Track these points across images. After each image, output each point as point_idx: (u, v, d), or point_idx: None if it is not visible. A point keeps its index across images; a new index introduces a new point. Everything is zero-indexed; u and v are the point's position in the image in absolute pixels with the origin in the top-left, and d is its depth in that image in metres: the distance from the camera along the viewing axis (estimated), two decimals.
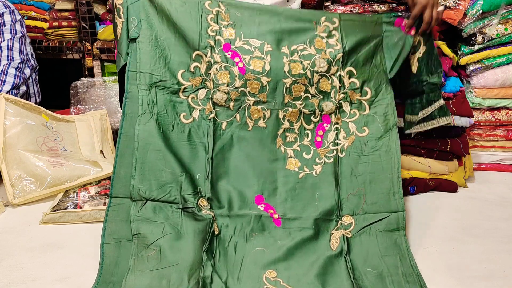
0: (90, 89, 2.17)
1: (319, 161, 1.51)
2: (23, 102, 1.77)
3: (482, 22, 1.78)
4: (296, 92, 1.51)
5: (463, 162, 1.81)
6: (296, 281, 1.23)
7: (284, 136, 1.51)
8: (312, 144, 1.52)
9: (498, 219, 1.58)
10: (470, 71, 1.85)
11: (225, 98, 1.48)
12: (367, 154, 1.51)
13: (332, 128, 1.52)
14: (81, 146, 1.90)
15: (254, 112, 1.49)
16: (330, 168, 1.49)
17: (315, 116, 1.52)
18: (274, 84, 1.49)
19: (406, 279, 1.25)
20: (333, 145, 1.51)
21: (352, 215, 1.43)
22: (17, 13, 2.04)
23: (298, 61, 1.51)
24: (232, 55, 1.48)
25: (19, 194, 1.62)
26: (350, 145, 1.53)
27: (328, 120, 1.53)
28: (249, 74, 1.47)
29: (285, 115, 1.51)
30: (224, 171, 1.46)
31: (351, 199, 1.46)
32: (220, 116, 1.47)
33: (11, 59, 1.95)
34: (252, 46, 1.49)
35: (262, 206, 1.43)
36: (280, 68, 1.49)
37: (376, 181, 1.48)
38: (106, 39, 2.33)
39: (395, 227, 1.41)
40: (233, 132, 1.49)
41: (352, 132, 1.54)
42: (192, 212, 1.38)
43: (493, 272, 1.31)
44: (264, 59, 1.49)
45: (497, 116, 1.89)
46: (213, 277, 1.21)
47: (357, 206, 1.45)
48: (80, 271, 1.29)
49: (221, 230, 1.38)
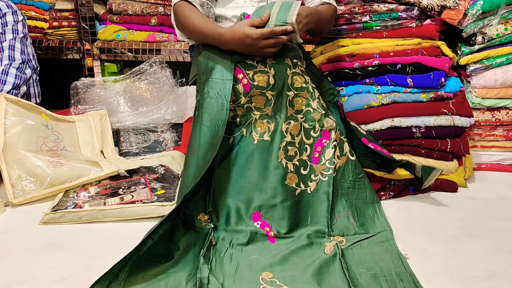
0: (90, 89, 2.17)
1: (314, 178, 1.49)
2: (23, 102, 1.77)
3: (482, 22, 1.78)
4: (298, 106, 1.50)
5: (463, 162, 1.81)
6: (292, 281, 1.23)
7: (286, 150, 1.48)
8: (310, 159, 1.50)
9: (498, 219, 1.58)
10: (470, 71, 1.85)
11: (231, 115, 1.47)
12: (353, 180, 1.53)
13: (331, 145, 1.50)
14: (81, 146, 1.90)
15: (259, 126, 1.48)
16: (324, 187, 1.48)
17: (314, 131, 1.51)
18: (279, 97, 1.49)
19: (400, 278, 1.25)
20: (329, 163, 1.50)
21: (343, 236, 1.43)
22: (19, 13, 2.05)
23: (300, 74, 1.51)
24: (235, 71, 1.47)
25: (19, 194, 1.62)
26: (341, 166, 1.53)
27: (328, 136, 1.51)
28: (254, 90, 1.47)
29: (287, 128, 1.49)
30: (225, 185, 1.45)
31: (340, 220, 1.46)
32: (227, 131, 1.45)
33: (12, 59, 1.95)
34: (255, 61, 1.49)
35: (259, 224, 1.42)
36: (283, 80, 1.48)
37: (361, 207, 1.51)
38: (106, 39, 2.33)
39: (384, 239, 1.42)
40: (239, 146, 1.48)
41: (345, 153, 1.54)
42: (192, 225, 1.39)
43: (493, 272, 1.31)
44: (268, 73, 1.48)
45: (497, 116, 1.89)
46: (210, 278, 1.21)
47: (346, 227, 1.45)
48: (80, 271, 1.29)
49: (217, 242, 1.37)
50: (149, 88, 2.17)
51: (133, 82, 2.19)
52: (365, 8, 1.82)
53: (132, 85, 2.19)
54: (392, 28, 1.82)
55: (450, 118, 1.74)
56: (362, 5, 1.82)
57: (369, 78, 1.82)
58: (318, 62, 1.92)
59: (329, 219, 1.44)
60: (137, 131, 2.11)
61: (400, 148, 1.78)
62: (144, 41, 2.32)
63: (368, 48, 1.85)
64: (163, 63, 2.23)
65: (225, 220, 1.42)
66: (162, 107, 2.13)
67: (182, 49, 2.30)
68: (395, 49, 1.83)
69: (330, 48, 1.92)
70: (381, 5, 1.80)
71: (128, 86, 2.19)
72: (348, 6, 1.84)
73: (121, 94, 2.17)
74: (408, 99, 1.77)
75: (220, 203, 1.44)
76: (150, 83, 2.18)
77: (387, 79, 1.79)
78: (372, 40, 1.86)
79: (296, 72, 1.51)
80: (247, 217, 1.42)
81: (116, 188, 1.67)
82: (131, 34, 2.33)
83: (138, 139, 2.07)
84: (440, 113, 1.75)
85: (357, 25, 1.85)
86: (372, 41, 1.86)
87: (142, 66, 2.21)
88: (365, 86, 1.82)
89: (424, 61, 1.76)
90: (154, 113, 2.13)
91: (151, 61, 2.21)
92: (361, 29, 1.85)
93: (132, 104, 2.16)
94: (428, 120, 1.75)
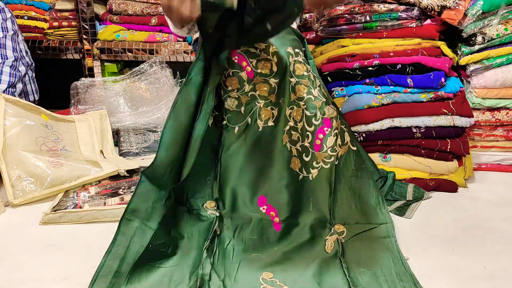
0: (90, 89, 2.17)
1: (316, 165, 1.49)
2: (22, 102, 1.77)
3: (482, 22, 1.78)
4: (300, 93, 1.50)
5: (463, 162, 1.81)
6: (292, 281, 1.23)
7: (289, 133, 1.49)
8: (312, 146, 1.50)
9: (498, 219, 1.58)
10: (470, 71, 1.84)
11: (236, 104, 1.47)
12: (355, 169, 1.53)
13: (332, 133, 1.50)
14: (81, 146, 1.90)
15: (264, 113, 1.48)
16: (326, 174, 1.48)
17: (316, 119, 1.51)
18: (281, 83, 1.49)
19: (400, 278, 1.25)
20: (331, 151, 1.49)
21: (344, 224, 1.43)
22: (7, 10, 2.02)
23: (302, 62, 1.51)
24: (239, 59, 1.48)
25: (19, 194, 1.62)
26: (343, 155, 1.53)
27: (329, 124, 1.51)
28: (258, 77, 1.47)
29: (290, 113, 1.49)
30: (231, 172, 1.45)
31: (342, 208, 1.46)
32: (232, 121, 1.45)
33: (5, 57, 1.94)
34: (258, 49, 1.49)
35: (264, 208, 1.42)
36: (286, 67, 1.48)
37: (363, 196, 1.50)
38: (106, 39, 2.33)
39: (385, 234, 1.42)
40: (245, 135, 1.47)
41: (346, 143, 1.54)
42: (197, 213, 1.39)
43: (493, 272, 1.31)
44: (271, 61, 1.48)
45: (497, 116, 1.89)
46: (212, 274, 1.22)
47: (348, 216, 1.45)
48: (80, 271, 1.29)
49: (222, 230, 1.38)
50: (149, 88, 2.17)
51: (133, 82, 2.19)
52: (365, 8, 1.81)
53: (132, 85, 2.19)
54: (392, 28, 1.82)
55: (450, 118, 1.74)
56: (362, 5, 1.82)
57: (369, 78, 1.82)
58: (318, 62, 1.92)
59: (332, 206, 1.44)
60: (137, 131, 2.11)
61: (400, 149, 1.78)
62: (144, 41, 2.32)
63: (368, 48, 1.85)
64: (163, 63, 2.23)
65: (231, 207, 1.43)
66: (162, 107, 2.13)
67: (182, 49, 2.30)
68: (395, 49, 1.82)
69: (330, 48, 1.92)
70: (381, 5, 1.80)
71: (128, 86, 2.19)
72: (348, 6, 1.84)
73: (121, 94, 2.17)
74: (408, 99, 1.77)
75: (226, 189, 1.44)
76: (150, 83, 2.18)
77: (387, 79, 1.79)
78: (372, 40, 1.86)
79: (298, 61, 1.50)
80: (253, 203, 1.43)
81: (116, 188, 1.67)
82: (131, 34, 2.34)
83: (138, 139, 2.07)
84: (440, 113, 1.75)
85: (357, 25, 1.85)
86: (372, 41, 1.86)
87: (142, 66, 2.22)
88: (365, 86, 1.82)
89: (424, 61, 1.76)
90: (154, 113, 2.13)
91: (151, 61, 2.21)
92: (361, 29, 1.85)
93: (132, 104, 2.16)
94: (428, 120, 1.75)
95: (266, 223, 1.40)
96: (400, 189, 1.71)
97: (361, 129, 1.77)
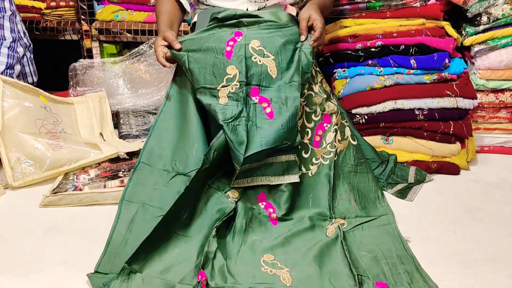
0: (88, 71, 2.14)
1: (316, 161, 1.48)
2: (20, 84, 1.75)
3: (487, 2, 1.75)
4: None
5: (466, 145, 1.80)
6: (293, 264, 1.24)
7: None
8: (311, 143, 1.49)
9: (500, 202, 1.58)
10: (474, 52, 1.82)
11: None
12: (355, 164, 1.52)
13: (332, 129, 1.49)
14: (80, 129, 1.89)
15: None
16: (325, 170, 1.47)
17: (316, 115, 1.49)
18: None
19: (401, 261, 1.26)
20: (330, 147, 1.48)
21: (344, 218, 1.42)
22: None
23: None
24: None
25: (18, 176, 1.61)
26: (343, 150, 1.52)
27: (329, 120, 1.50)
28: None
29: None
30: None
31: (341, 203, 1.46)
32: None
33: (3, 38, 1.91)
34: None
35: (263, 204, 1.42)
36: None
37: (363, 190, 1.50)
38: (105, 19, 2.30)
39: (385, 223, 1.42)
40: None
41: (346, 137, 1.53)
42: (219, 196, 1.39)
43: (495, 256, 1.31)
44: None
45: (501, 98, 1.87)
46: (217, 253, 1.23)
47: (347, 210, 1.45)
48: (80, 254, 1.29)
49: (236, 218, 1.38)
50: (149, 69, 2.15)
51: (133, 63, 2.17)
52: None
53: (131, 66, 2.17)
54: (396, 8, 1.79)
55: (454, 100, 1.72)
56: None
57: (372, 60, 1.80)
58: None
59: (331, 202, 1.43)
60: (137, 113, 2.09)
61: (402, 131, 1.77)
62: (143, 22, 2.28)
63: (371, 28, 1.82)
64: None
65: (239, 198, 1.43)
66: (162, 89, 2.11)
67: (182, 29, 2.27)
68: (399, 29, 1.80)
69: (332, 29, 1.89)
70: None
71: (128, 67, 2.17)
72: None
73: (121, 75, 2.15)
74: (411, 80, 1.75)
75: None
76: (149, 64, 2.15)
77: (390, 60, 1.76)
78: (375, 21, 1.83)
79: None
80: (254, 199, 1.42)
81: (116, 170, 1.66)
82: (130, 14, 2.30)
83: (138, 121, 2.06)
84: (444, 95, 1.73)
85: (360, 5, 1.81)
86: (375, 21, 1.83)
87: (142, 47, 2.19)
88: (368, 68, 1.80)
89: (428, 41, 1.73)
90: (154, 95, 2.11)
91: (151, 42, 2.18)
92: (364, 9, 1.82)
93: (132, 86, 2.14)
94: (431, 102, 1.73)
95: (263, 218, 1.40)
96: (402, 172, 1.70)
97: (363, 111, 1.75)
